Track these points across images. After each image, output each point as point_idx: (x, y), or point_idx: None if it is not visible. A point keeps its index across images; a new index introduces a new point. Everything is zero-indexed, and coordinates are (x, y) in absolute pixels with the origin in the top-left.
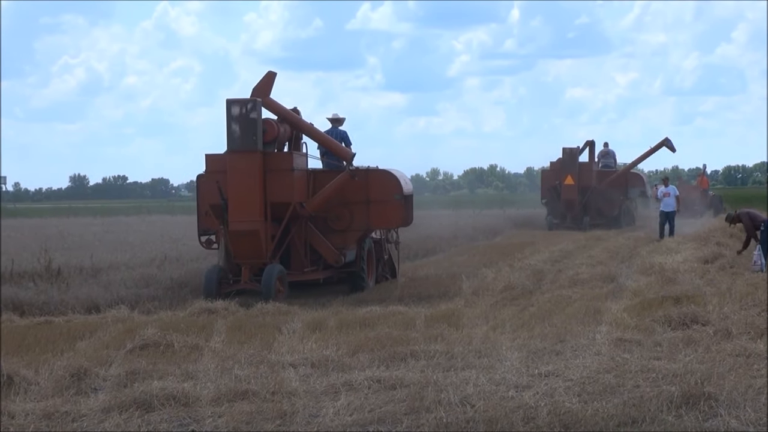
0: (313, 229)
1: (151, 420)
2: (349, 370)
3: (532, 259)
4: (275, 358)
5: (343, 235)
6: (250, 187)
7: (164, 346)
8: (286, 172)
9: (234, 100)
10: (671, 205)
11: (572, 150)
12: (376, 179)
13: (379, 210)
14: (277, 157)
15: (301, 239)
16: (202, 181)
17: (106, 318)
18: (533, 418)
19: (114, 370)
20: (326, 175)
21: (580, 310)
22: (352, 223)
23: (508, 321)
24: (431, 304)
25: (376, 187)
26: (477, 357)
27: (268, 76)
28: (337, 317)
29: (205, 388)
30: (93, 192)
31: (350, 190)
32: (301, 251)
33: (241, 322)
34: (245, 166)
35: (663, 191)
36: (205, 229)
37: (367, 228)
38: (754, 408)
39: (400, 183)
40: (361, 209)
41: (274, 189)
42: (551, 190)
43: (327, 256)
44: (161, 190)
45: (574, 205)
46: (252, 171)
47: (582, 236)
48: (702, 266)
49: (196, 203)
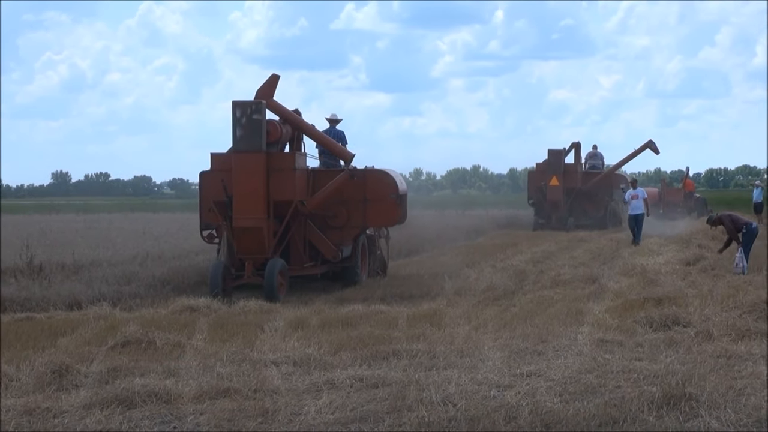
0: (312, 226)
1: (132, 417)
2: (331, 369)
3: (514, 260)
4: (257, 356)
5: (340, 232)
6: (254, 186)
7: (146, 344)
8: (288, 171)
9: (239, 102)
10: (639, 208)
11: (558, 151)
12: (373, 179)
13: (375, 208)
14: (280, 157)
15: (300, 236)
16: (205, 178)
17: (88, 315)
18: (515, 417)
19: (95, 366)
20: (325, 175)
21: (562, 311)
22: (349, 221)
23: (491, 321)
24: (414, 303)
25: (372, 187)
26: (459, 356)
27: (272, 79)
28: (320, 316)
29: (186, 385)
30: (75, 189)
31: (348, 189)
32: (300, 247)
33: (223, 320)
34: (250, 165)
35: (631, 194)
36: (207, 224)
37: (363, 225)
38: (735, 409)
39: (396, 182)
40: (358, 207)
41: (276, 188)
42: (537, 191)
43: (325, 251)
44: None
45: (559, 206)
46: (256, 170)
47: (564, 237)
48: (684, 268)
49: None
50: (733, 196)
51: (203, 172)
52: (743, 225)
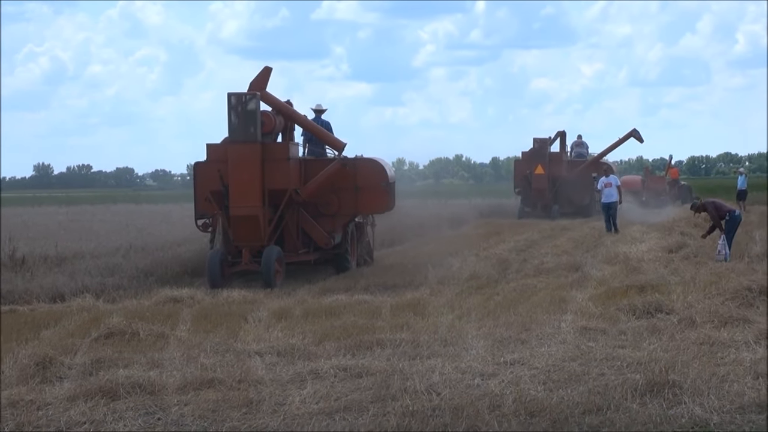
0: (305, 214)
1: (116, 408)
2: (315, 359)
3: (497, 249)
4: (241, 346)
5: (332, 219)
6: (250, 175)
7: (130, 335)
8: (282, 161)
9: (234, 94)
10: (613, 196)
11: (543, 140)
12: (363, 167)
13: (366, 196)
14: (274, 147)
15: (294, 223)
16: (199, 168)
17: (71, 307)
18: (499, 405)
19: (79, 358)
20: (316, 164)
21: (546, 299)
22: (340, 209)
23: (474, 310)
24: (397, 293)
25: (363, 175)
26: (443, 345)
27: (265, 71)
28: (303, 306)
29: (171, 376)
30: (57, 181)
31: (340, 178)
32: (294, 234)
33: (206, 310)
34: (246, 155)
35: (604, 182)
36: (202, 213)
37: (354, 213)
38: (718, 395)
39: (386, 170)
40: (350, 195)
41: (271, 177)
42: (523, 179)
43: (318, 239)
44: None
45: (545, 194)
46: (252, 160)
47: (547, 226)
48: (666, 255)
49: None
50: (714, 183)
51: (197, 162)
52: (726, 212)
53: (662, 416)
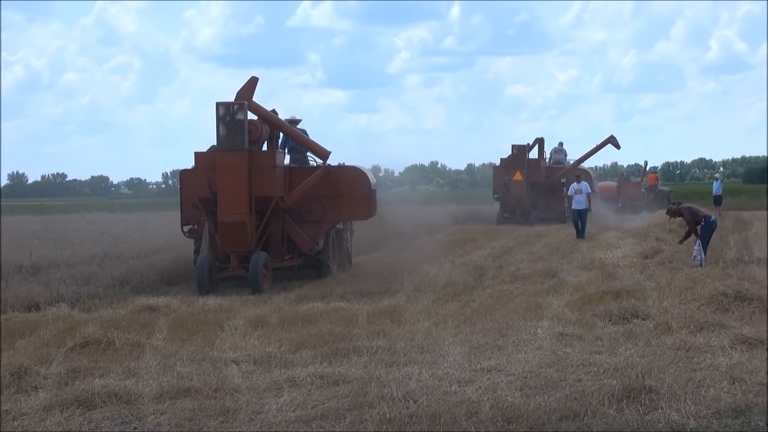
0: (290, 220)
1: (92, 418)
2: (291, 367)
3: (473, 255)
4: (217, 355)
5: (316, 225)
6: (238, 183)
7: (105, 344)
8: (269, 168)
9: (222, 103)
10: (582, 202)
11: (522, 147)
12: (346, 175)
13: (349, 203)
14: (261, 155)
15: (279, 230)
16: (186, 176)
17: (47, 316)
18: (476, 412)
19: (55, 368)
20: (300, 171)
21: (522, 306)
22: (324, 215)
23: (450, 316)
24: (373, 300)
25: (346, 182)
26: (419, 352)
27: (251, 81)
28: (279, 314)
29: (147, 385)
30: (32, 190)
31: (323, 185)
32: (279, 240)
33: (182, 319)
34: (233, 163)
35: (575, 188)
36: (188, 220)
37: (337, 219)
38: (695, 401)
39: (368, 178)
40: (333, 202)
41: (258, 184)
42: (502, 185)
43: (301, 244)
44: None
45: (523, 200)
46: (240, 168)
47: (523, 232)
48: (642, 261)
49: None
50: (689, 189)
51: (184, 170)
52: (702, 218)
53: (639, 422)
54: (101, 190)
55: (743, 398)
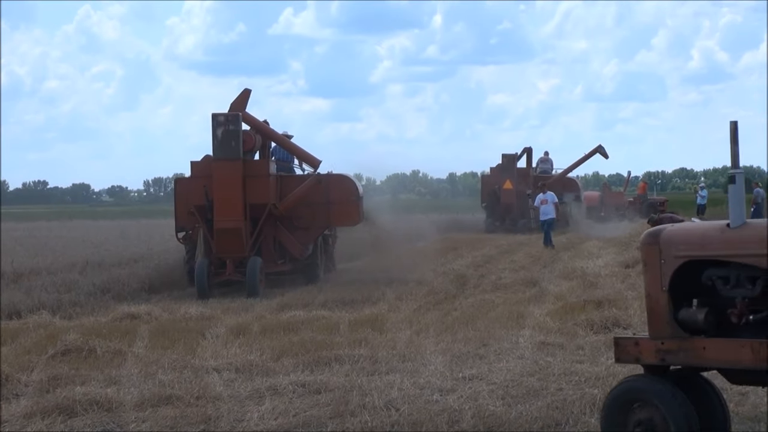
0: (282, 227)
1: (74, 425)
2: (273, 375)
3: (455, 264)
4: (199, 363)
5: (306, 232)
6: (233, 190)
7: (87, 352)
8: (263, 177)
9: (218, 114)
10: (549, 212)
11: (511, 156)
12: (335, 183)
13: (338, 210)
14: (255, 164)
15: (271, 236)
16: (181, 184)
17: (28, 323)
18: (457, 421)
19: (36, 375)
20: (291, 180)
21: (503, 315)
22: (314, 222)
23: (432, 325)
24: (355, 308)
25: (336, 190)
26: (401, 361)
27: (244, 93)
28: (261, 322)
29: (128, 393)
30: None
31: (313, 193)
32: (271, 246)
33: (164, 327)
34: (229, 172)
35: (541, 198)
36: (182, 226)
37: (326, 226)
38: None
39: (356, 186)
40: (322, 209)
41: (252, 192)
42: (491, 194)
43: (293, 250)
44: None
45: (513, 208)
46: (234, 176)
47: (504, 241)
48: (623, 270)
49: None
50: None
51: (178, 178)
52: None
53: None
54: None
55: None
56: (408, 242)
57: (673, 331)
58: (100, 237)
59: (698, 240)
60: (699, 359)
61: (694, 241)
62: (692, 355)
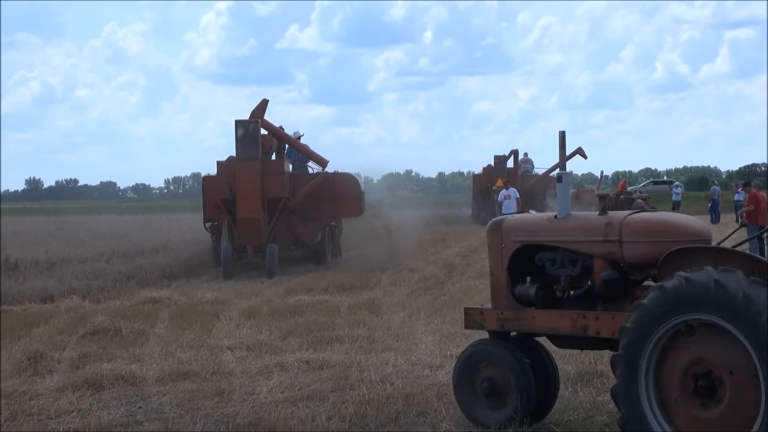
0: (294, 218)
1: (101, 398)
2: (280, 353)
3: (443, 254)
4: (214, 342)
5: (314, 222)
6: (253, 186)
7: (113, 332)
8: (279, 175)
9: (240, 121)
10: (512, 207)
11: (501, 157)
12: (340, 180)
13: (342, 204)
14: (272, 164)
15: (285, 225)
16: (208, 181)
17: (60, 307)
18: (446, 394)
19: (67, 353)
20: (302, 177)
21: (487, 299)
22: (322, 213)
23: (423, 308)
24: (354, 293)
25: (341, 186)
26: (395, 340)
27: (263, 103)
28: (270, 306)
29: (150, 369)
30: (47, 194)
31: (322, 188)
32: (285, 234)
33: (182, 310)
34: (249, 170)
35: (504, 194)
36: (209, 218)
37: (333, 217)
38: None
39: (359, 183)
40: (329, 203)
41: (270, 187)
42: (482, 191)
43: (304, 237)
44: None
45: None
46: (254, 174)
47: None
48: None
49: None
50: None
51: (205, 176)
52: None
53: (592, 402)
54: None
55: None
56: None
57: (510, 303)
58: (125, 230)
59: (532, 228)
60: (530, 326)
61: (528, 229)
62: (525, 323)
